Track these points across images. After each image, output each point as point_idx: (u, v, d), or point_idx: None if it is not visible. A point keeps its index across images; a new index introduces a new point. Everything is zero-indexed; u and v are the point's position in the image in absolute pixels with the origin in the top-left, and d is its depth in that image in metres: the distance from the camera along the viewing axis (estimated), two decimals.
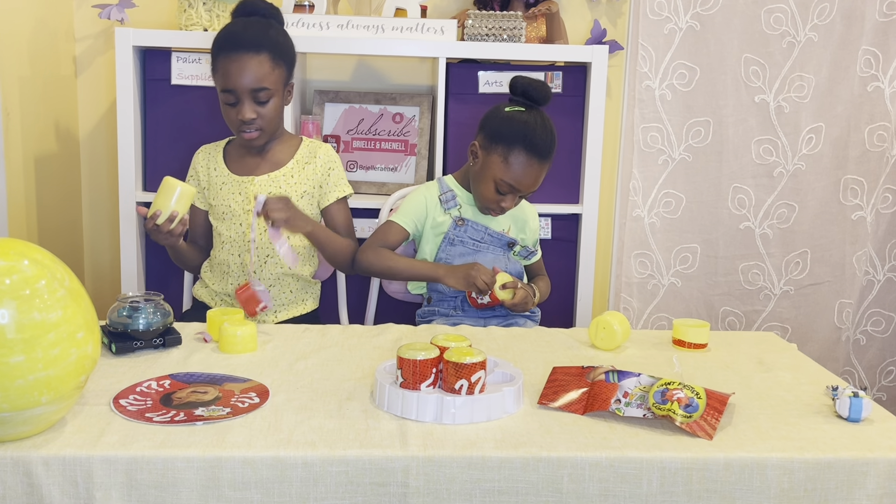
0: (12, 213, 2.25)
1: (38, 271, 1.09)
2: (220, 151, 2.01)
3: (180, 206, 1.69)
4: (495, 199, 1.93)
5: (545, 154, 1.91)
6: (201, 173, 2.00)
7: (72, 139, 2.67)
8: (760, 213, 2.82)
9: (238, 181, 1.95)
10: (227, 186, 1.96)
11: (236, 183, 1.95)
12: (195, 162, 2.03)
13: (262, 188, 1.93)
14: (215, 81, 1.88)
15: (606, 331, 1.64)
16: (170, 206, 1.68)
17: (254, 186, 1.93)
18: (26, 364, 1.05)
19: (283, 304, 1.98)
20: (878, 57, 2.73)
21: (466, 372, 1.25)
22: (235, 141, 2.01)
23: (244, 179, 1.95)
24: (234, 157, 2.00)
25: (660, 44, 2.68)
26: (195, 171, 2.02)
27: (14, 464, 1.09)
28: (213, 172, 1.98)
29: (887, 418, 1.32)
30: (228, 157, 2.00)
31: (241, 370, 1.44)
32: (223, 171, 1.97)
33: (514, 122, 1.90)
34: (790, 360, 1.62)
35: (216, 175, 1.98)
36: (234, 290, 1.89)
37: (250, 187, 1.93)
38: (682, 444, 1.19)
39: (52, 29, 2.50)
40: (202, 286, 2.04)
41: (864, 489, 1.18)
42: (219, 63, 1.85)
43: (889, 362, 2.98)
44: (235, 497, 1.11)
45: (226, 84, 1.84)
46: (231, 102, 1.85)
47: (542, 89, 1.92)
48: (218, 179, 1.97)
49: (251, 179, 1.94)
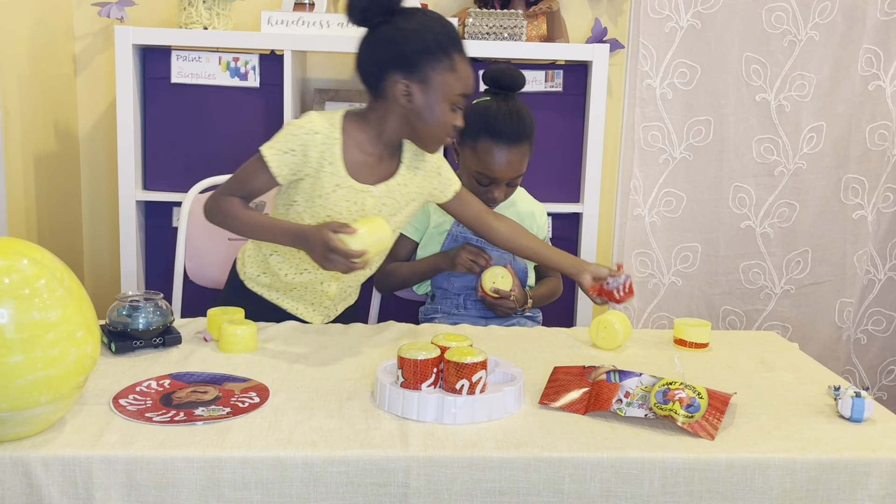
0: (12, 212, 2.25)
1: (37, 270, 1.08)
2: (339, 146, 1.65)
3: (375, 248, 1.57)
4: (482, 192, 1.92)
5: (514, 139, 1.87)
6: (312, 160, 1.63)
7: (71, 138, 2.67)
8: (761, 213, 2.82)
9: (355, 189, 1.67)
10: (342, 191, 1.66)
11: (353, 190, 1.66)
12: (307, 142, 1.62)
13: (378, 200, 1.70)
14: (443, 81, 1.61)
15: (607, 330, 1.64)
16: (371, 247, 1.54)
17: (372, 198, 1.69)
18: (25, 364, 1.05)
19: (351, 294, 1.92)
20: (879, 56, 2.72)
21: (467, 372, 1.25)
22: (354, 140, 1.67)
23: (362, 188, 1.67)
24: (350, 157, 1.67)
25: (661, 42, 2.68)
26: (305, 154, 1.63)
27: (13, 464, 1.09)
28: (328, 167, 1.64)
29: (889, 418, 1.32)
30: (345, 154, 1.66)
31: (241, 370, 1.43)
32: (340, 170, 1.65)
33: (477, 112, 1.87)
34: (792, 359, 1.62)
35: (330, 172, 1.64)
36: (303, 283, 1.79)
37: (368, 199, 1.68)
38: (683, 444, 1.19)
39: (52, 27, 2.50)
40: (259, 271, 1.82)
41: (866, 489, 1.18)
42: (459, 65, 1.63)
43: (890, 361, 2.98)
44: (235, 497, 1.11)
45: (468, 88, 1.65)
46: (458, 107, 1.65)
47: (509, 73, 1.89)
48: (331, 179, 1.65)
49: (368, 190, 1.68)
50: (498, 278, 1.90)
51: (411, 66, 1.59)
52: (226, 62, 2.37)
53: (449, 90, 1.61)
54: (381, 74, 1.62)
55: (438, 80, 1.60)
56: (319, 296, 1.83)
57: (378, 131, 1.67)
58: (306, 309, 1.84)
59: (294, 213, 1.71)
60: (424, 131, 1.65)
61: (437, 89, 1.60)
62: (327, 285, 1.80)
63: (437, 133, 1.66)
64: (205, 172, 2.30)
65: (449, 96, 1.61)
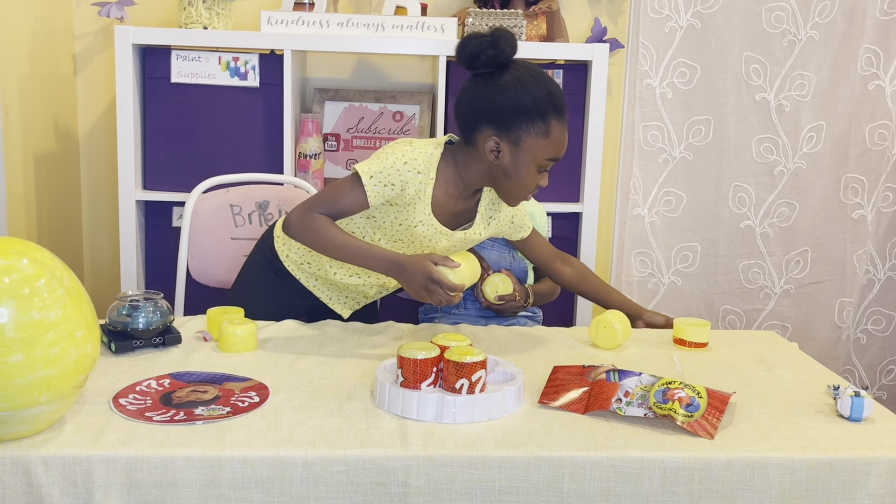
0: (11, 212, 2.25)
1: (37, 270, 1.09)
2: (431, 186, 1.65)
3: None
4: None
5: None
6: (408, 195, 1.63)
7: (71, 137, 2.67)
8: (761, 212, 2.82)
9: (435, 229, 1.68)
10: (423, 228, 1.67)
11: (433, 229, 1.68)
12: (408, 180, 1.61)
13: (451, 243, 1.73)
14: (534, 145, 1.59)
15: (607, 330, 1.64)
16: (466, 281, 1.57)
17: (447, 241, 1.71)
18: (25, 363, 1.05)
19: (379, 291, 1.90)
20: (878, 55, 2.73)
21: (467, 371, 1.25)
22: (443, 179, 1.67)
23: (442, 231, 1.69)
24: (436, 196, 1.67)
25: (660, 42, 2.68)
26: (403, 189, 1.62)
27: (13, 463, 1.09)
28: (419, 203, 1.64)
29: (889, 417, 1.32)
30: (434, 193, 1.67)
31: (240, 369, 1.44)
32: (427, 208, 1.65)
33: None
34: (791, 359, 1.62)
35: (417, 208, 1.65)
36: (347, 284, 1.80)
37: (443, 240, 1.70)
38: (683, 443, 1.19)
39: (52, 27, 2.50)
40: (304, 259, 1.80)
41: (865, 489, 1.18)
42: (553, 130, 1.59)
43: (889, 361, 2.98)
44: (235, 496, 1.11)
45: (560, 153, 1.62)
46: (545, 169, 1.63)
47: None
48: (417, 215, 1.66)
49: (447, 234, 1.70)
50: (499, 286, 1.90)
51: (505, 124, 1.57)
52: (226, 62, 2.37)
53: (539, 154, 1.59)
54: (476, 125, 1.61)
55: (530, 144, 1.58)
56: (357, 295, 1.85)
57: (463, 174, 1.67)
58: (339, 301, 1.85)
59: (368, 225, 1.70)
60: (507, 188, 1.65)
61: (527, 152, 1.59)
62: (369, 289, 1.82)
63: (519, 192, 1.65)
64: (205, 172, 2.31)
65: (538, 160, 1.60)
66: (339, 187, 1.64)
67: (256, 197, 2.23)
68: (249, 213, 2.22)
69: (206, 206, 2.19)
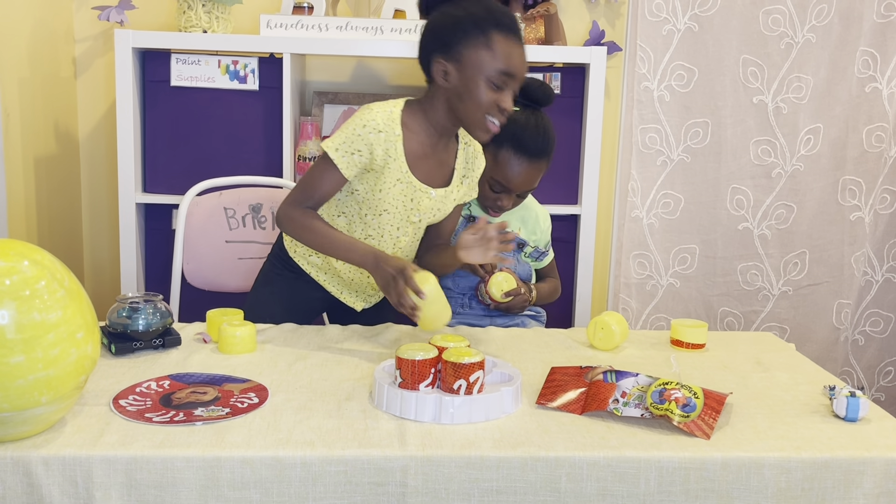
0: (12, 214, 2.26)
1: (37, 272, 1.09)
2: (401, 141, 1.64)
3: None
4: (491, 198, 1.93)
5: (536, 154, 1.88)
6: (378, 157, 1.63)
7: (71, 140, 2.68)
8: (759, 214, 2.83)
9: (414, 187, 1.68)
10: (401, 186, 1.67)
11: (411, 187, 1.68)
12: (372, 141, 1.61)
13: (433, 203, 1.73)
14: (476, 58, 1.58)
15: (605, 331, 1.64)
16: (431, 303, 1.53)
17: (429, 200, 1.72)
18: (26, 364, 1.06)
19: None
20: (875, 58, 2.73)
21: (465, 372, 1.26)
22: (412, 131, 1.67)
23: (421, 188, 1.69)
24: (409, 150, 1.67)
25: (658, 45, 2.69)
26: (371, 152, 1.62)
27: (14, 464, 1.09)
28: (392, 163, 1.64)
29: (884, 418, 1.32)
30: (406, 148, 1.66)
31: (240, 370, 1.44)
32: (402, 165, 1.65)
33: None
34: (788, 359, 1.63)
35: (392, 168, 1.65)
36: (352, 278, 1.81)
37: (424, 199, 1.71)
38: (679, 443, 1.20)
39: (52, 30, 2.51)
40: (310, 251, 1.81)
41: (860, 488, 1.18)
42: (495, 41, 1.58)
43: (887, 362, 2.99)
44: (235, 497, 1.12)
45: (509, 66, 1.59)
46: (498, 85, 1.60)
47: (542, 88, 1.90)
48: (393, 174, 1.65)
49: (427, 191, 1.70)
50: (503, 284, 1.91)
51: (447, 45, 1.60)
52: (225, 65, 2.38)
53: (485, 68, 1.58)
54: (428, 59, 1.64)
55: (472, 58, 1.58)
56: (366, 287, 1.86)
57: (431, 119, 1.67)
58: (349, 294, 1.87)
59: (353, 202, 1.71)
60: (464, 112, 1.62)
61: (472, 67, 1.59)
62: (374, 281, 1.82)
63: (476, 113, 1.61)
64: (204, 175, 2.31)
65: (486, 73, 1.58)
66: (312, 172, 1.67)
67: (250, 199, 2.23)
68: (243, 215, 2.22)
69: (200, 209, 2.19)
